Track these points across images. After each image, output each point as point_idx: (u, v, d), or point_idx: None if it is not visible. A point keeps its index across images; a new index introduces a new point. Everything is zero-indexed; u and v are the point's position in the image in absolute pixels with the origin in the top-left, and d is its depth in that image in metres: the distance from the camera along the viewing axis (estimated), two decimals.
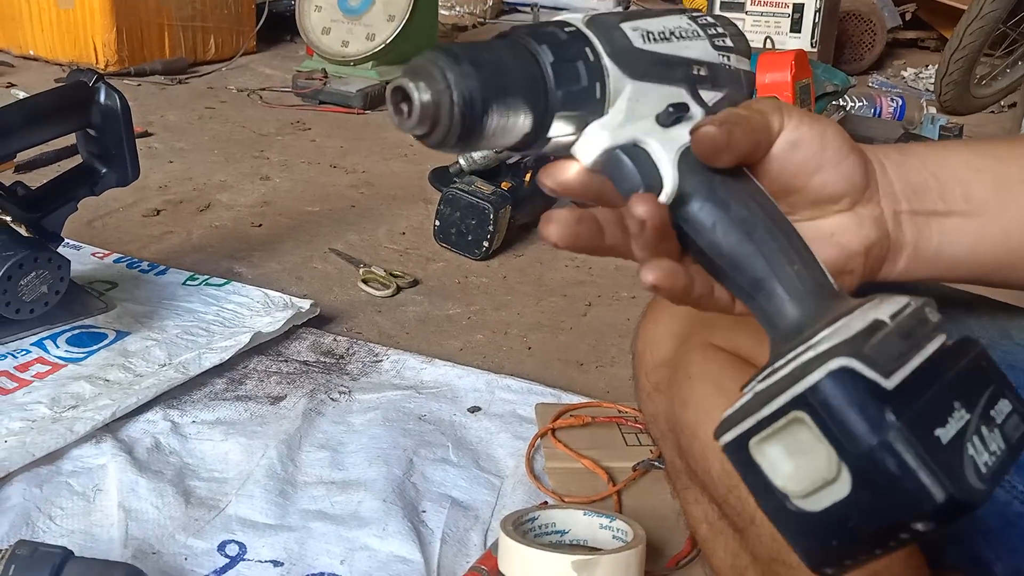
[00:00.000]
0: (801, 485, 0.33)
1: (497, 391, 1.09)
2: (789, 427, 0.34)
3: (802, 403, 0.33)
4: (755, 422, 0.34)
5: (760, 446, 0.34)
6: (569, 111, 0.38)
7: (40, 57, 2.65)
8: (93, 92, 1.08)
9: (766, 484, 0.34)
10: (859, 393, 0.32)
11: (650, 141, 0.40)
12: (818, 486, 0.33)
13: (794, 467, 0.34)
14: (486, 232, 1.48)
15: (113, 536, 0.80)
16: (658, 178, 0.39)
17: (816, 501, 0.33)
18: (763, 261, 0.39)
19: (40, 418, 0.94)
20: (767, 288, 0.39)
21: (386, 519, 0.84)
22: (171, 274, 1.31)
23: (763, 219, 0.40)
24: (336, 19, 2.73)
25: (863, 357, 0.33)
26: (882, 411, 0.32)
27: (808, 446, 0.33)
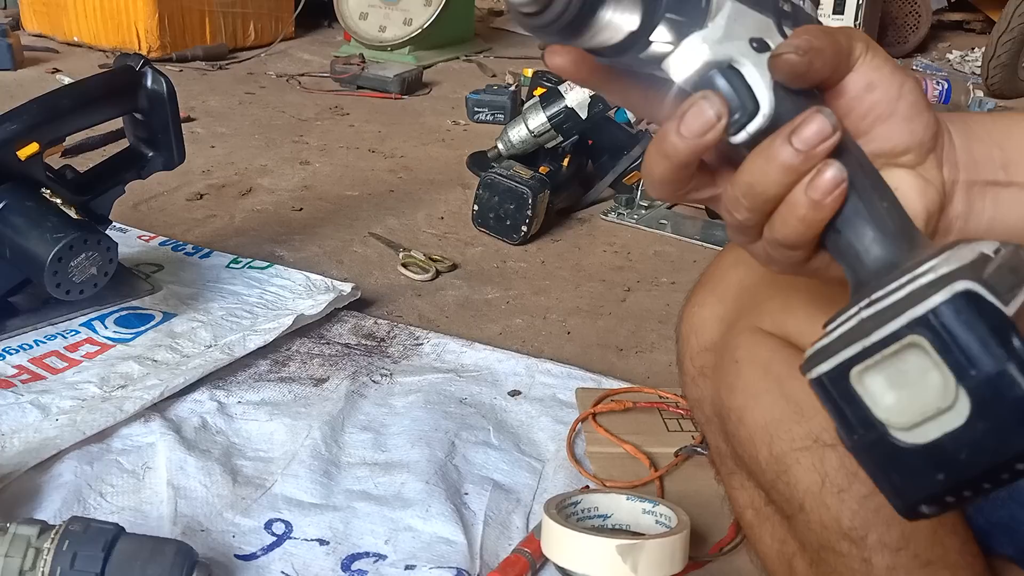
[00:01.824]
0: (908, 416, 0.32)
1: (537, 375, 1.09)
2: (901, 353, 0.32)
3: (923, 326, 0.32)
4: (861, 348, 0.33)
5: (862, 376, 0.33)
6: (674, 15, 0.36)
7: (84, 43, 2.69)
8: (140, 77, 1.09)
9: (864, 417, 0.33)
10: (985, 317, 0.31)
11: (746, 63, 0.38)
12: (928, 416, 0.32)
13: (899, 397, 0.32)
14: (524, 217, 1.47)
15: (163, 513, 0.82)
16: (754, 101, 0.38)
17: (923, 433, 0.32)
18: (854, 194, 0.37)
19: (90, 397, 0.96)
20: (855, 223, 0.37)
21: (429, 500, 0.85)
22: (215, 257, 1.32)
23: (853, 151, 0.38)
24: (373, 4, 2.74)
25: (985, 283, 0.32)
26: (1008, 336, 0.31)
27: (919, 374, 0.32)
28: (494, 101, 2.16)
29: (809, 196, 0.37)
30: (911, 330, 0.32)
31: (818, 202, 0.37)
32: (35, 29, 2.79)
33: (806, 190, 0.37)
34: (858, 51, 0.41)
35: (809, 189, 0.37)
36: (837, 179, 0.37)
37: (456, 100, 2.33)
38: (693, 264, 1.46)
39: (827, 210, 0.37)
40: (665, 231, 1.59)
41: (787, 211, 0.38)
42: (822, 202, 0.37)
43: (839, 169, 0.37)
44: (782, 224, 0.38)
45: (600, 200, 1.70)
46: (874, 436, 0.33)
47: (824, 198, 0.37)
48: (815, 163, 0.37)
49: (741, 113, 0.38)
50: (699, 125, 0.37)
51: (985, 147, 0.45)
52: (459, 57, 2.84)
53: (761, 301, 0.63)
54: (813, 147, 0.37)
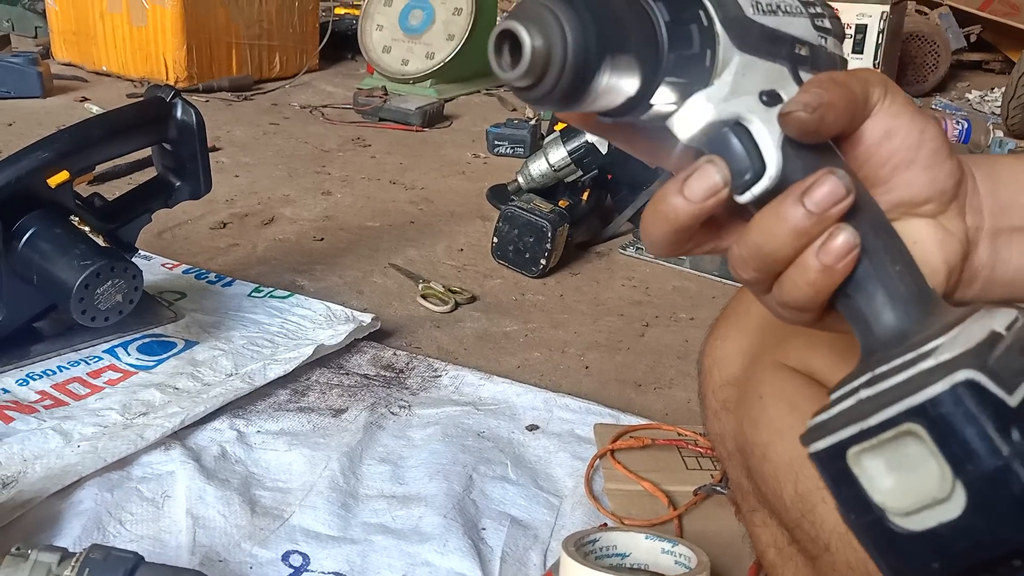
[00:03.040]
0: (904, 502, 0.31)
1: (555, 410, 1.09)
2: (898, 439, 0.32)
3: (920, 415, 0.31)
4: (858, 431, 0.32)
5: (859, 457, 0.32)
6: (676, 77, 0.35)
7: (112, 73, 2.74)
8: (170, 107, 1.11)
9: (861, 498, 0.32)
10: (985, 409, 0.30)
11: (754, 120, 0.37)
12: (924, 505, 0.31)
13: (896, 482, 0.32)
14: (544, 250, 1.48)
15: (181, 543, 0.82)
16: (761, 161, 0.37)
17: (919, 521, 0.31)
18: (866, 258, 0.36)
19: (112, 424, 0.97)
20: (867, 288, 0.36)
21: (447, 535, 0.84)
22: (237, 286, 1.34)
23: (867, 212, 0.37)
24: (397, 38, 2.78)
25: (989, 371, 0.31)
26: (1008, 430, 0.30)
27: (917, 462, 0.31)
28: (514, 135, 2.18)
29: (820, 260, 0.36)
30: (908, 418, 0.31)
31: (829, 267, 0.36)
32: (65, 58, 2.85)
33: (817, 254, 0.36)
34: (875, 96, 0.39)
35: (820, 253, 0.36)
36: (850, 244, 0.36)
37: (477, 133, 2.35)
38: (712, 300, 1.46)
39: (838, 275, 0.36)
40: (684, 266, 1.59)
41: (796, 274, 0.37)
42: (834, 267, 0.36)
43: (852, 234, 0.36)
44: (791, 287, 0.37)
45: (619, 234, 1.71)
46: (871, 518, 0.32)
47: (836, 263, 0.36)
48: (827, 226, 0.36)
49: (748, 173, 0.37)
50: (703, 190, 0.36)
51: (1011, 191, 0.44)
52: (480, 91, 2.87)
53: (785, 336, 0.63)
54: (826, 210, 0.35)
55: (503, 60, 0.33)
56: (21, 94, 2.42)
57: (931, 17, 3.28)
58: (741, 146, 0.36)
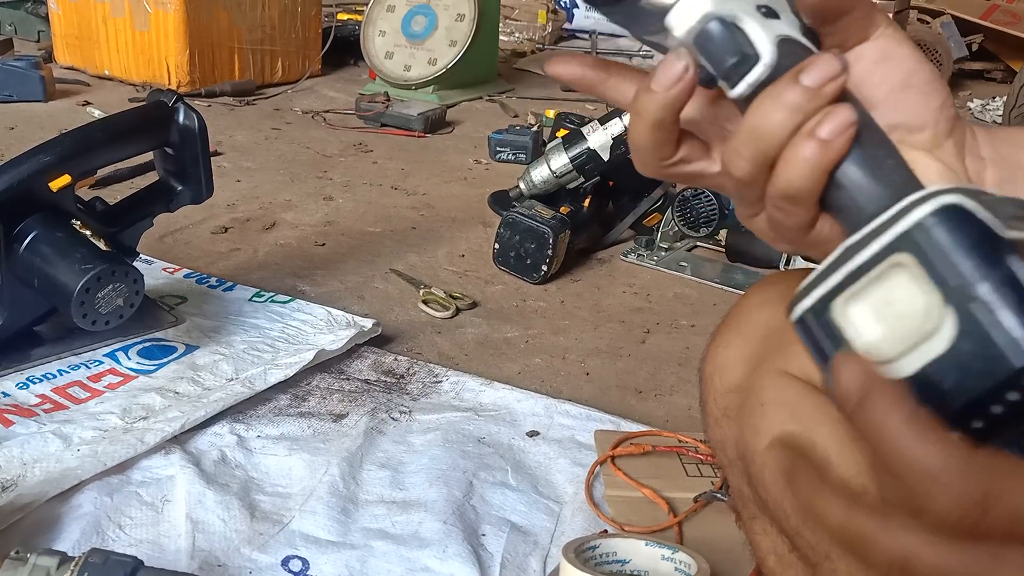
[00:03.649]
0: (892, 348, 0.30)
1: (556, 416, 1.09)
2: (885, 276, 0.30)
3: (907, 241, 0.30)
4: (844, 275, 0.31)
5: (845, 307, 0.31)
6: None
7: (115, 77, 2.74)
8: (172, 112, 1.12)
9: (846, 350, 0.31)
10: (975, 231, 0.29)
11: (748, 20, 0.37)
12: (912, 343, 0.30)
13: (883, 329, 0.30)
14: (545, 256, 1.48)
15: (180, 547, 0.82)
16: (754, 50, 0.37)
17: (908, 363, 0.30)
18: (860, 147, 0.35)
19: (112, 428, 0.97)
20: (859, 178, 0.35)
21: (446, 541, 0.84)
22: (238, 290, 1.34)
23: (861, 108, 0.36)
24: (399, 44, 2.79)
25: (979, 199, 0.30)
26: (1001, 252, 0.28)
27: (904, 298, 0.30)
28: (516, 141, 2.18)
29: (817, 135, 0.35)
30: (895, 248, 0.30)
31: (827, 142, 0.35)
32: (67, 62, 2.85)
33: (814, 129, 0.35)
34: (880, 21, 0.40)
35: (818, 128, 0.35)
36: (848, 119, 0.35)
37: (478, 139, 2.35)
38: (713, 307, 1.46)
39: (834, 152, 0.35)
40: (685, 273, 1.59)
41: (792, 154, 0.36)
42: (831, 142, 0.35)
43: (850, 109, 0.35)
44: (787, 169, 0.36)
45: (620, 241, 1.71)
46: None
47: (833, 137, 0.35)
48: (823, 104, 0.36)
49: (740, 61, 0.37)
50: (668, 78, 0.37)
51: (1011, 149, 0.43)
52: (482, 97, 2.87)
53: (788, 343, 0.62)
54: (822, 85, 0.35)
55: None
56: (23, 98, 2.42)
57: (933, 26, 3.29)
58: (733, 39, 0.37)
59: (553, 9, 3.95)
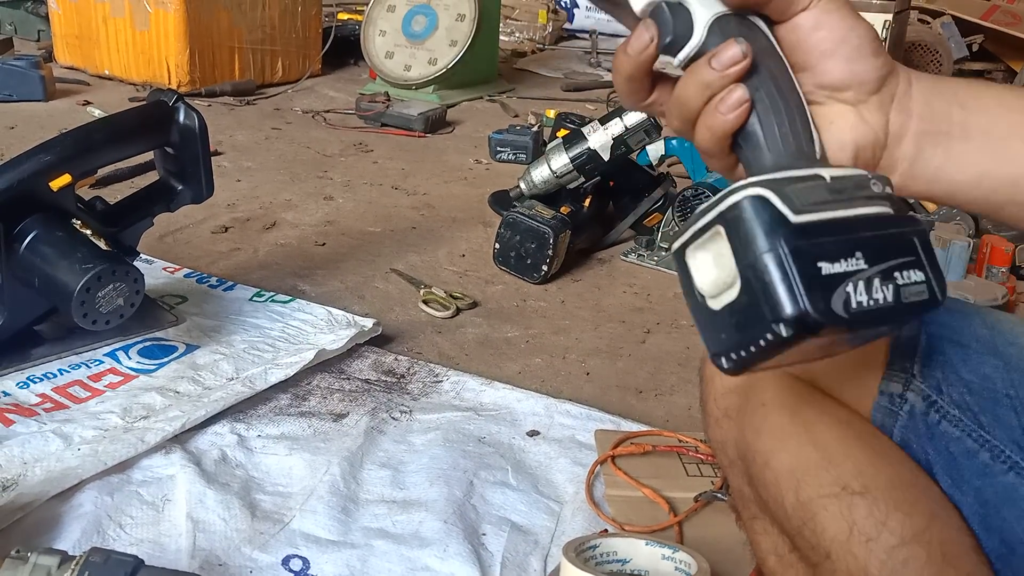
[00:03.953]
0: (712, 286, 0.41)
1: (556, 416, 1.09)
2: (712, 238, 0.41)
3: (721, 218, 0.41)
4: (691, 234, 0.43)
5: (694, 253, 0.42)
6: None
7: (115, 76, 2.74)
8: (173, 111, 1.12)
9: (691, 285, 0.43)
10: (764, 216, 0.40)
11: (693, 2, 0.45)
12: (721, 289, 0.41)
13: (711, 272, 0.41)
14: (545, 256, 1.48)
15: (181, 546, 0.82)
16: (689, 33, 0.45)
17: (719, 301, 0.41)
18: (756, 118, 0.45)
19: (112, 427, 0.97)
20: (753, 139, 0.45)
21: (447, 540, 0.84)
22: (238, 290, 1.34)
23: (768, 81, 0.45)
24: (399, 44, 2.79)
25: (780, 193, 0.40)
26: (777, 234, 0.39)
27: (722, 255, 0.41)
28: (516, 141, 2.18)
29: (718, 109, 0.45)
30: (716, 221, 0.41)
31: (723, 115, 0.45)
32: (67, 62, 2.85)
33: (717, 105, 0.45)
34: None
35: (719, 104, 0.45)
36: (741, 98, 0.44)
37: (479, 139, 2.35)
38: None
39: (730, 124, 0.45)
40: None
41: (702, 121, 0.46)
42: (727, 116, 0.45)
43: (744, 91, 0.44)
44: (700, 132, 0.46)
45: (620, 241, 1.71)
46: (695, 301, 0.42)
47: (728, 112, 0.44)
48: (728, 83, 0.44)
49: (674, 40, 0.45)
50: (637, 47, 0.46)
51: (946, 104, 0.49)
52: (482, 97, 2.87)
53: None
54: (726, 68, 0.44)
55: None
56: (23, 97, 2.42)
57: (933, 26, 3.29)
58: (674, 20, 0.45)
59: (553, 9, 3.95)
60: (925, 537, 0.52)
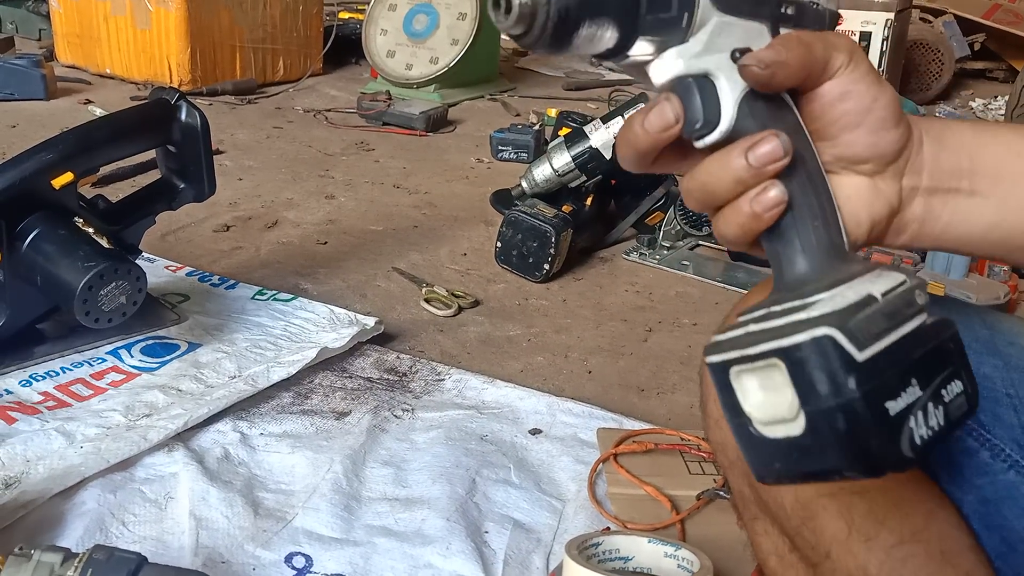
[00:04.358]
0: (764, 414, 0.39)
1: (558, 414, 1.09)
2: (767, 368, 0.39)
3: (783, 354, 0.38)
4: (740, 355, 0.40)
5: (739, 375, 0.40)
6: (653, 36, 0.40)
7: (116, 75, 2.74)
8: (175, 110, 1.12)
9: (735, 405, 0.40)
10: (833, 360, 0.38)
11: (720, 76, 0.42)
12: (777, 420, 0.39)
13: (761, 399, 0.39)
14: (547, 255, 1.48)
15: (184, 544, 0.82)
16: (717, 115, 0.42)
17: (772, 430, 0.39)
18: (791, 216, 0.42)
19: (115, 425, 0.97)
20: (785, 237, 0.43)
21: (449, 538, 0.84)
22: (240, 288, 1.34)
23: (803, 174, 0.42)
24: (401, 43, 2.79)
25: (845, 330, 0.38)
26: (847, 380, 0.37)
27: (778, 387, 0.39)
28: (518, 140, 2.18)
29: (752, 208, 0.42)
30: (775, 355, 0.39)
31: (758, 215, 0.42)
32: (69, 61, 2.85)
33: (750, 202, 0.42)
34: (838, 62, 0.43)
35: (753, 202, 0.42)
36: (778, 199, 0.41)
37: (480, 138, 2.35)
38: (715, 306, 1.46)
39: (764, 223, 0.42)
40: (687, 272, 1.59)
41: (731, 214, 0.43)
42: (761, 215, 0.42)
43: (782, 191, 0.41)
44: (725, 223, 0.43)
45: (622, 240, 1.71)
46: (740, 421, 0.40)
47: (764, 213, 0.42)
48: (763, 179, 0.42)
49: (704, 124, 0.42)
50: (659, 123, 0.42)
51: (955, 157, 0.47)
52: (484, 96, 2.87)
53: None
54: (764, 165, 0.41)
55: (499, 12, 0.38)
56: (25, 96, 2.42)
57: (935, 25, 3.28)
58: (702, 100, 0.42)
59: None
60: (924, 536, 0.53)
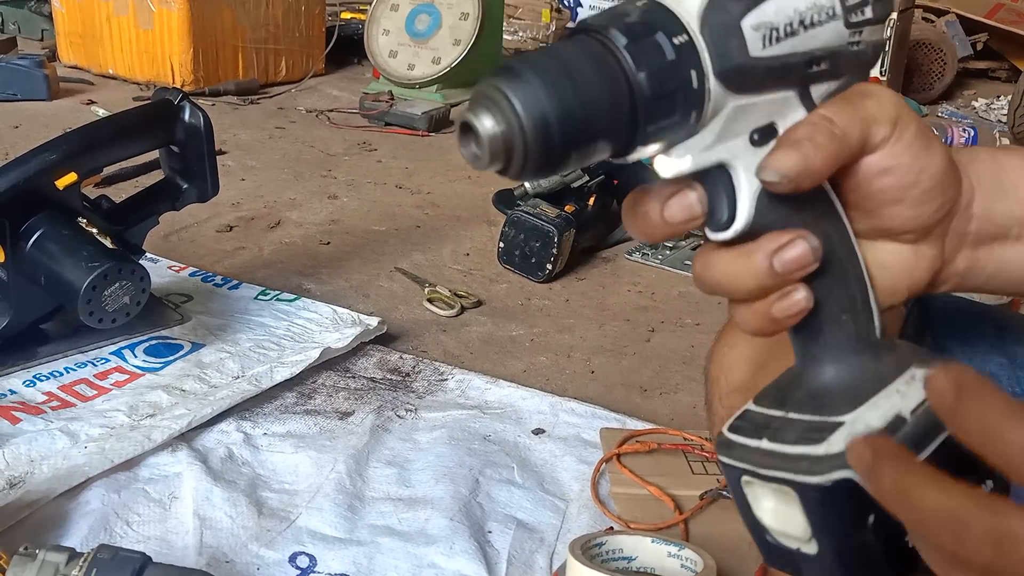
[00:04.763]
0: (777, 526, 0.37)
1: (561, 414, 1.09)
2: (779, 491, 0.37)
3: (798, 489, 0.36)
4: (752, 469, 0.37)
5: (751, 485, 0.38)
6: (656, 141, 0.34)
7: (119, 76, 2.74)
8: (178, 110, 1.12)
9: (747, 508, 0.38)
10: (852, 505, 0.35)
11: (737, 165, 0.36)
12: (790, 536, 0.37)
13: (774, 512, 0.37)
14: (550, 255, 1.48)
15: (188, 544, 0.82)
16: (732, 212, 0.36)
17: (786, 541, 0.37)
18: (817, 311, 0.38)
19: (119, 425, 0.97)
20: (811, 331, 0.39)
21: (453, 538, 0.84)
22: (243, 289, 1.34)
23: (833, 265, 0.38)
24: (403, 43, 2.79)
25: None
26: (864, 521, 0.35)
27: (791, 509, 0.37)
28: None
29: (773, 311, 0.38)
30: (790, 485, 0.36)
31: (779, 320, 0.38)
32: (71, 61, 2.85)
33: (772, 305, 0.38)
34: (879, 136, 0.38)
35: (775, 308, 0.38)
36: (804, 306, 0.38)
37: None
38: (718, 306, 1.46)
39: (786, 325, 0.38)
40: (689, 272, 1.58)
41: (748, 313, 0.39)
42: (783, 319, 0.38)
43: (808, 296, 0.37)
44: (743, 319, 0.39)
45: (625, 240, 1.71)
46: (752, 522, 0.39)
47: (785, 316, 0.38)
48: (788, 283, 0.37)
49: (719, 220, 0.37)
50: (683, 216, 0.37)
51: (1008, 204, 0.43)
52: None
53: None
54: (790, 272, 0.37)
55: (470, 145, 0.32)
56: (27, 96, 2.42)
57: (938, 25, 3.28)
58: (715, 194, 0.36)
59: (557, 8, 3.95)
60: None
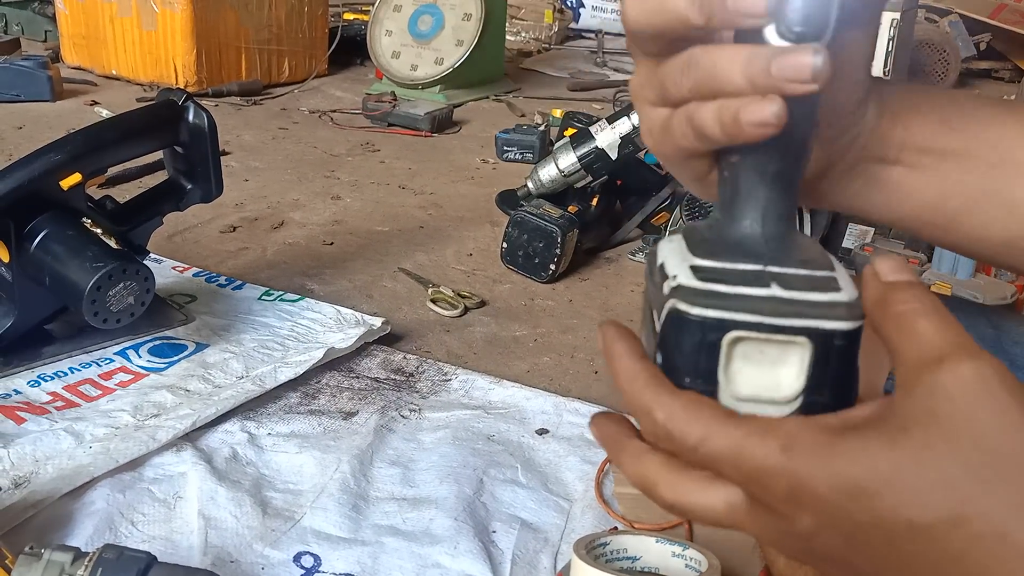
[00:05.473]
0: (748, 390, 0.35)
1: (565, 414, 1.09)
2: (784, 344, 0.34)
3: (823, 337, 0.34)
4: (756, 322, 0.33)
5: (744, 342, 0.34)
6: None
7: (122, 77, 2.75)
8: (182, 111, 1.12)
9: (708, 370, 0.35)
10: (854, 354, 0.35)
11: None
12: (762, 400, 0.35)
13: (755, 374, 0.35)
14: (553, 255, 1.48)
15: (193, 543, 0.82)
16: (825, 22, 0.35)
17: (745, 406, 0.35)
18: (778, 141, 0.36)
19: (123, 425, 0.97)
20: (756, 171, 0.37)
21: (457, 537, 0.84)
22: (247, 289, 1.34)
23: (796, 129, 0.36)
24: (406, 43, 2.79)
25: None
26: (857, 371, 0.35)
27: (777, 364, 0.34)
28: (523, 140, 2.18)
29: (744, 117, 0.34)
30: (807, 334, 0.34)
31: (742, 126, 0.35)
32: (74, 62, 2.86)
33: (743, 106, 0.34)
34: None
35: (744, 112, 0.34)
36: (778, 117, 0.34)
37: (486, 139, 2.35)
38: None
39: (745, 136, 0.35)
40: None
41: (718, 108, 0.35)
42: (745, 128, 0.35)
43: (778, 114, 0.34)
44: (703, 115, 0.36)
45: (628, 240, 1.71)
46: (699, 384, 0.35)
47: (749, 124, 0.35)
48: (774, 90, 0.34)
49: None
50: None
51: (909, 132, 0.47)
52: (489, 96, 2.87)
53: None
54: (785, 80, 0.34)
55: None
56: (31, 97, 2.43)
57: (941, 25, 3.28)
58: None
59: (559, 8, 3.95)
60: None
